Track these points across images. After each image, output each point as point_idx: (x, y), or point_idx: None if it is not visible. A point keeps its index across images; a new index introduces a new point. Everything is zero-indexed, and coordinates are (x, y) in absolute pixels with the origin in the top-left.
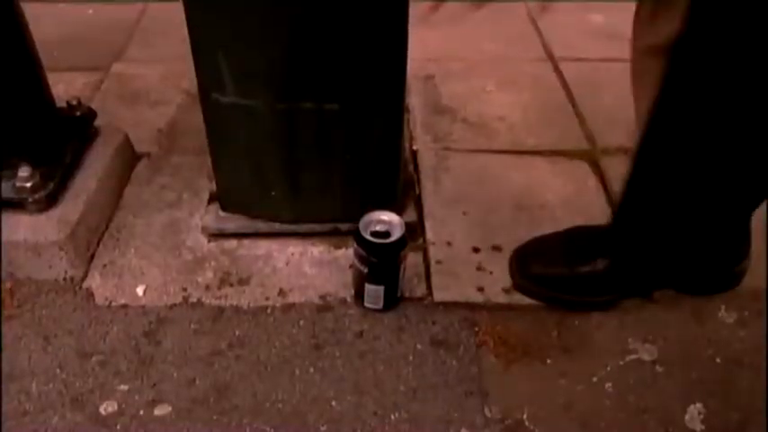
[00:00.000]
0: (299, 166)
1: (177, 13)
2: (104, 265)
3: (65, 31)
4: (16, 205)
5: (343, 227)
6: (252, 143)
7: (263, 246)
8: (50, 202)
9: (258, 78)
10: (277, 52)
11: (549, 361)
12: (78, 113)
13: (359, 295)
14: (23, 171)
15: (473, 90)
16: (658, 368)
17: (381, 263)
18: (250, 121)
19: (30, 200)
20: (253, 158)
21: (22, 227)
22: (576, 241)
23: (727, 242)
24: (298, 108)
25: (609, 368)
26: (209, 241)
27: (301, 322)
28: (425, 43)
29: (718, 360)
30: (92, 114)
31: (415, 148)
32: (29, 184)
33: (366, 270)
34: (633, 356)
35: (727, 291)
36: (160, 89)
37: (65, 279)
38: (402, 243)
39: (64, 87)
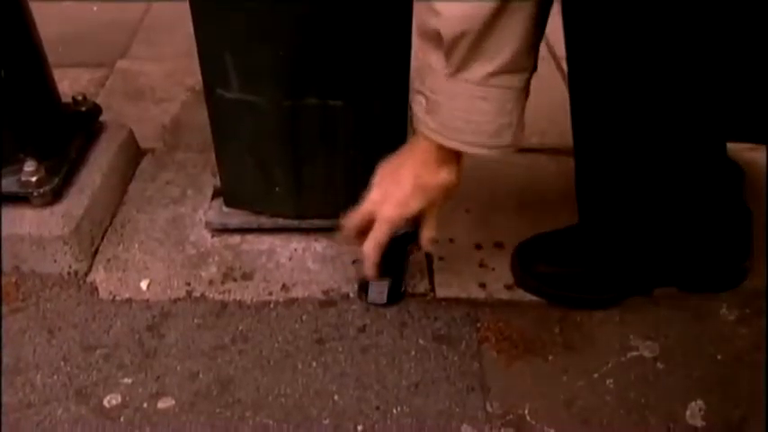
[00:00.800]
0: (302, 161)
1: (182, 10)
2: (108, 260)
3: (70, 29)
4: (21, 199)
5: None
6: (256, 139)
7: (266, 241)
8: (55, 196)
9: (263, 74)
10: (282, 49)
11: (550, 357)
12: (83, 109)
13: (363, 289)
14: (29, 165)
15: None
16: (659, 365)
17: (387, 256)
18: (254, 116)
19: (35, 194)
20: (256, 154)
21: (26, 221)
22: (577, 239)
23: (727, 238)
24: (302, 104)
25: (610, 365)
26: (212, 236)
27: (304, 317)
28: None
29: (719, 357)
30: (97, 110)
31: None
32: (34, 179)
33: None
34: (634, 353)
35: (731, 288)
36: (165, 86)
37: (69, 273)
38: (408, 238)
39: (69, 84)
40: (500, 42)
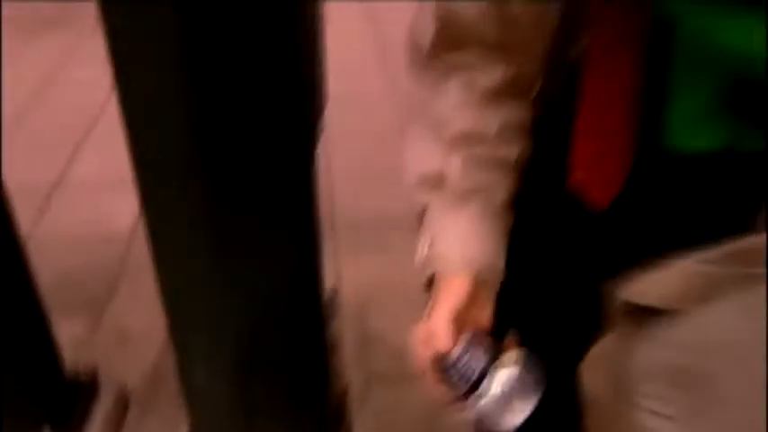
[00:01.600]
0: (254, 421)
1: None
2: None
3: (55, 276)
4: None
5: None
6: (215, 415)
7: None
8: None
9: (224, 373)
10: (238, 356)
11: None
12: (83, 376)
13: None
14: None
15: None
16: None
17: None
18: (217, 401)
19: None
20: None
21: None
22: None
23: None
24: (254, 381)
25: None
26: None
27: None
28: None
29: None
30: (95, 375)
31: (347, 381)
32: None
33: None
34: None
35: None
36: (149, 329)
37: None
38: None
39: (62, 334)
40: None
